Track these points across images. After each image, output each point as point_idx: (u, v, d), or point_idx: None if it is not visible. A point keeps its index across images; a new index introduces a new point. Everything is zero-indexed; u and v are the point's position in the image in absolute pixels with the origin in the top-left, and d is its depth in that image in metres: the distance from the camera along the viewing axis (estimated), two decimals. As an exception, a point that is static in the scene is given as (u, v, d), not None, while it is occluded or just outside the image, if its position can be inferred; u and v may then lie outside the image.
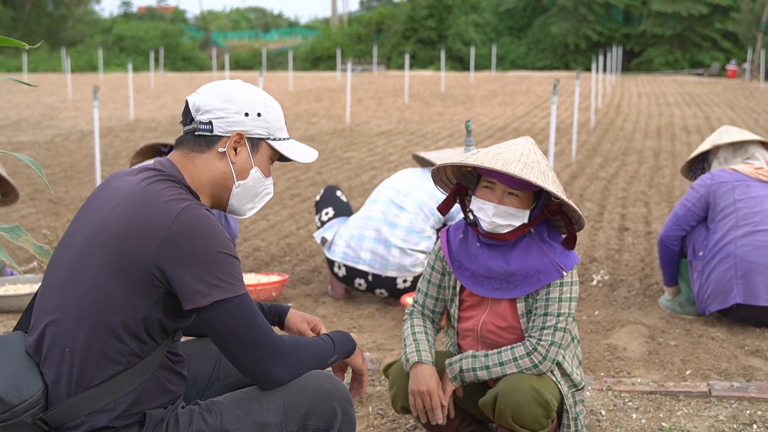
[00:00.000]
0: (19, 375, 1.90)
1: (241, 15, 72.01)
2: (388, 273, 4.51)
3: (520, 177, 2.43)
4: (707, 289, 4.24)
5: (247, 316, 1.94)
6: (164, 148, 5.09)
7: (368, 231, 4.53)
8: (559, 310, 2.54)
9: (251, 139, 2.09)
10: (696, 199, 4.33)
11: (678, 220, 4.39)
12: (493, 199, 2.53)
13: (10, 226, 1.75)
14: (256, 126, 2.08)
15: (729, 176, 4.29)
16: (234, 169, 2.08)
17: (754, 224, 4.18)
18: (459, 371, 2.57)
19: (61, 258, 2.00)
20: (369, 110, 18.02)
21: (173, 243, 1.89)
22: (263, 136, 2.10)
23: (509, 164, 2.45)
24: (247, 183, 2.10)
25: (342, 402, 2.09)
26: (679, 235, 4.40)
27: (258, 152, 2.11)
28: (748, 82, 29.63)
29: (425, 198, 4.51)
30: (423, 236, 4.50)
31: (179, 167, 2.06)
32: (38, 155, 11.37)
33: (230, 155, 2.07)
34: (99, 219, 1.98)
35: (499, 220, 2.53)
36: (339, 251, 4.59)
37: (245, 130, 2.07)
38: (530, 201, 2.56)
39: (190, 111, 2.08)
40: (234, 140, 2.06)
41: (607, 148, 11.66)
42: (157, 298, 1.92)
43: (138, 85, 26.18)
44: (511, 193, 2.52)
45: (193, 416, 2.00)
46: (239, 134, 2.06)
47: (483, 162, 2.48)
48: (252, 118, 2.07)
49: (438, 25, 44.37)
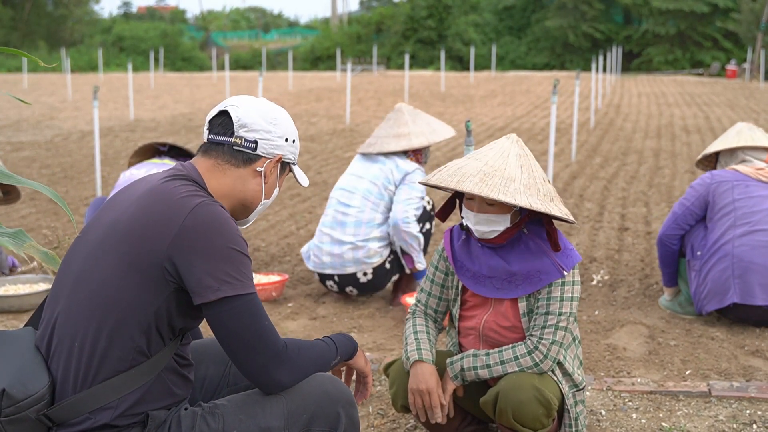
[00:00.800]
0: (25, 370, 1.91)
1: (241, 15, 72.02)
2: (347, 270, 4.61)
3: (471, 192, 2.44)
4: (704, 288, 4.24)
5: (254, 316, 1.95)
6: (162, 148, 5.09)
7: (324, 237, 4.66)
8: (561, 309, 2.55)
9: (282, 163, 2.19)
10: (695, 198, 4.34)
11: (677, 219, 4.39)
12: (473, 209, 2.56)
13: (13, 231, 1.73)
14: (290, 152, 2.19)
15: (729, 175, 4.30)
16: (265, 189, 2.16)
17: (752, 224, 4.18)
18: (460, 370, 2.57)
19: (76, 254, 2.03)
20: (369, 110, 18.02)
21: (186, 237, 1.91)
22: (291, 161, 2.21)
23: (465, 179, 2.47)
24: (268, 202, 2.20)
25: (346, 406, 2.08)
26: (677, 234, 4.41)
27: (282, 175, 2.21)
28: (748, 82, 29.63)
29: (369, 186, 4.58)
30: (374, 224, 4.56)
31: (203, 173, 2.09)
32: (38, 155, 11.37)
33: (267, 177, 2.15)
34: (114, 216, 2.01)
35: (482, 227, 2.56)
36: (310, 261, 4.76)
37: (284, 154, 2.17)
38: (510, 205, 2.56)
39: (233, 124, 2.10)
40: (274, 163, 2.15)
41: (607, 148, 11.66)
42: (168, 294, 1.93)
43: (138, 85, 26.18)
44: (487, 203, 2.54)
45: (196, 419, 1.99)
46: (280, 158, 2.16)
47: (441, 181, 2.52)
48: (289, 144, 2.18)
49: (438, 25, 44.37)
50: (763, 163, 4.34)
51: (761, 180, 4.27)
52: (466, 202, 2.59)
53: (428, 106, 18.85)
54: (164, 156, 5.07)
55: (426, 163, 4.68)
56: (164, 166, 4.93)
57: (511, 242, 2.60)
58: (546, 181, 2.57)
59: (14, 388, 1.87)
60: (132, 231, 1.95)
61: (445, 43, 42.86)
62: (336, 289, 4.71)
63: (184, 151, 5.05)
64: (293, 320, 4.44)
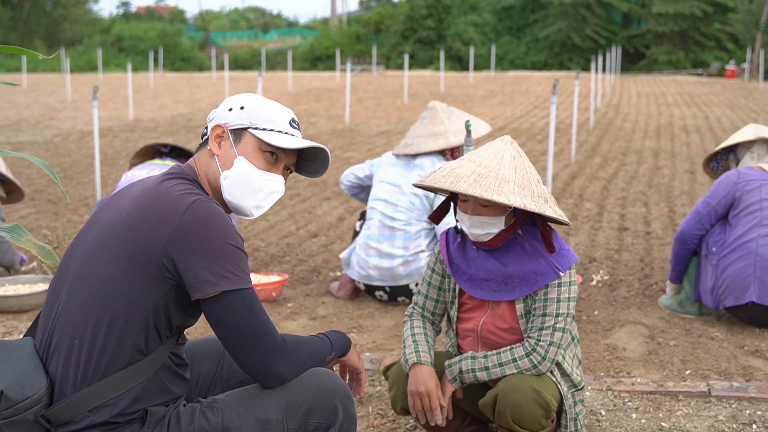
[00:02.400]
0: (23, 373, 1.92)
1: (240, 15, 72.03)
2: (400, 282, 4.61)
3: (465, 193, 2.44)
4: (723, 283, 4.18)
5: (252, 310, 1.96)
6: (164, 149, 5.09)
7: (370, 251, 4.63)
8: (558, 311, 2.54)
9: (234, 131, 2.13)
10: (721, 197, 4.26)
11: (701, 218, 4.31)
12: (467, 211, 2.56)
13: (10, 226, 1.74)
14: (238, 117, 2.13)
15: (756, 174, 4.24)
16: (219, 161, 2.12)
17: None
18: (458, 372, 2.57)
19: (74, 253, 2.05)
20: (368, 110, 18.02)
21: (184, 233, 1.93)
22: (244, 126, 2.13)
23: (459, 180, 2.47)
24: (233, 173, 2.10)
25: (343, 399, 2.10)
26: (699, 233, 4.33)
27: (241, 142, 2.12)
28: (748, 82, 29.64)
29: (411, 198, 4.56)
30: (421, 235, 4.55)
31: (195, 169, 2.15)
32: (37, 155, 11.36)
33: (213, 148, 2.12)
34: (113, 215, 2.03)
35: (477, 230, 2.55)
36: (354, 271, 4.73)
37: (226, 122, 2.13)
38: (504, 207, 2.55)
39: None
40: (215, 133, 2.13)
41: (607, 148, 11.67)
42: (166, 291, 1.94)
43: (137, 85, 26.18)
44: (482, 204, 2.54)
45: (195, 414, 2.01)
46: (219, 126, 2.13)
47: (435, 182, 2.51)
48: (235, 111, 2.14)
49: (437, 25, 44.37)
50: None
51: None
52: (461, 205, 2.59)
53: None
54: (166, 157, 5.07)
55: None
56: (166, 167, 4.93)
57: (506, 244, 2.60)
58: (540, 182, 2.57)
59: (12, 390, 1.88)
60: (130, 228, 1.96)
61: (445, 43, 42.87)
62: (386, 298, 4.71)
63: (185, 152, 5.05)
64: (293, 320, 4.45)
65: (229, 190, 2.11)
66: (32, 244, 1.71)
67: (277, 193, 2.16)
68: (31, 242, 1.71)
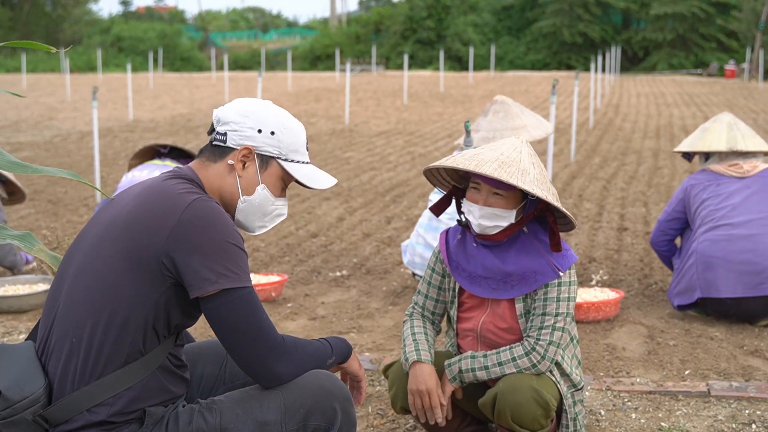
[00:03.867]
0: (22, 374, 1.93)
1: (240, 15, 72.03)
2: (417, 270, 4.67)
3: (491, 176, 2.43)
4: (676, 287, 4.39)
5: (251, 309, 1.96)
6: (163, 149, 5.09)
7: (419, 238, 4.70)
8: (558, 310, 2.55)
9: (261, 156, 2.12)
10: (675, 203, 4.49)
11: (660, 225, 4.55)
12: (479, 201, 2.54)
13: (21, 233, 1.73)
14: (268, 144, 2.12)
15: (702, 177, 4.42)
16: (240, 183, 2.11)
17: (715, 220, 4.27)
18: (458, 372, 2.57)
19: (75, 252, 2.05)
20: (368, 110, 18.03)
21: (183, 231, 1.93)
22: (274, 155, 2.13)
23: (484, 164, 2.46)
24: (253, 200, 2.13)
25: (342, 401, 2.09)
26: (664, 239, 4.55)
27: (267, 170, 2.13)
28: (747, 82, 29.65)
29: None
30: None
31: (197, 172, 2.12)
32: (37, 156, 11.37)
33: (237, 168, 2.11)
34: (113, 214, 2.04)
35: (486, 221, 2.54)
36: (407, 257, 4.82)
37: (255, 145, 2.11)
38: (517, 201, 2.55)
39: (213, 121, 2.16)
40: (242, 154, 2.10)
41: (606, 148, 11.67)
42: (165, 289, 1.94)
43: (137, 85, 26.18)
44: (496, 193, 2.53)
45: (193, 414, 2.00)
46: (248, 148, 2.10)
47: (458, 164, 2.49)
48: (265, 135, 2.11)
49: (437, 25, 44.36)
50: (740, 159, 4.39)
51: (732, 175, 4.35)
52: (471, 194, 2.57)
53: (427, 107, 18.86)
54: (165, 157, 5.07)
55: None
56: (166, 168, 4.93)
57: (508, 241, 2.59)
58: (551, 183, 2.59)
59: (10, 390, 1.89)
60: (129, 227, 1.96)
61: (444, 43, 42.85)
62: None
63: (185, 153, 5.05)
64: (292, 320, 4.45)
65: (244, 213, 2.15)
66: (45, 254, 1.70)
67: (282, 216, 2.22)
68: (43, 252, 1.70)
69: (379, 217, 7.19)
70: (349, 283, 5.20)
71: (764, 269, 4.10)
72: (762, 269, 4.10)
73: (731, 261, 4.14)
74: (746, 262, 4.12)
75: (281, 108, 2.20)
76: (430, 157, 11.05)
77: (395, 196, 8.18)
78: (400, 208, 7.57)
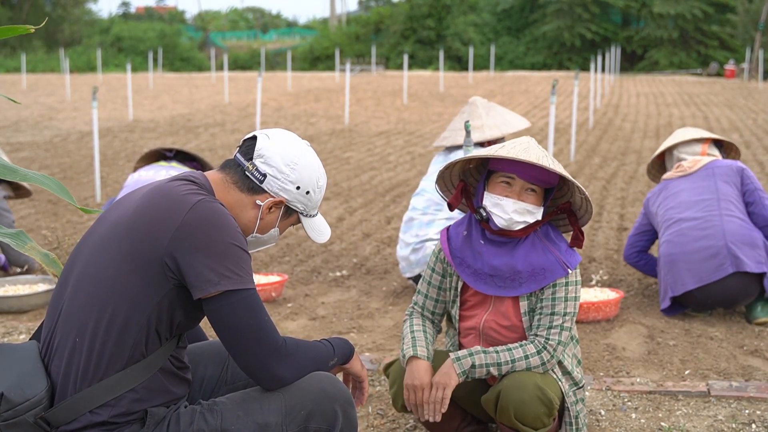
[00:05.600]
0: (24, 375, 1.93)
1: (240, 15, 71.97)
2: (416, 271, 4.68)
3: (559, 172, 2.46)
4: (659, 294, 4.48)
5: (254, 311, 1.96)
6: (169, 153, 5.09)
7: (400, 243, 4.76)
8: (566, 310, 2.56)
9: (287, 208, 2.17)
10: (640, 218, 4.70)
11: (629, 240, 4.77)
12: (512, 195, 2.54)
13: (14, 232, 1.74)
14: (299, 201, 2.17)
15: (657, 188, 4.59)
16: (259, 224, 2.15)
17: (669, 221, 4.38)
18: (470, 367, 2.51)
19: (80, 253, 2.06)
20: (368, 110, 18.02)
21: (187, 232, 1.93)
22: (299, 210, 2.19)
23: (541, 159, 2.48)
24: (262, 238, 2.18)
25: (343, 404, 2.09)
26: (633, 251, 4.72)
27: (287, 219, 2.20)
28: (747, 81, 29.65)
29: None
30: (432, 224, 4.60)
31: (213, 184, 2.12)
32: (37, 156, 11.37)
33: (263, 211, 2.13)
34: (118, 215, 2.04)
35: (517, 216, 2.54)
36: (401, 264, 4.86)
37: (289, 199, 2.15)
38: (543, 198, 2.57)
39: (254, 150, 2.12)
40: (274, 202, 2.14)
41: (606, 148, 11.67)
42: (167, 291, 1.95)
43: (137, 85, 26.17)
44: (529, 188, 2.53)
45: (195, 415, 2.01)
46: (282, 201, 2.14)
47: (519, 155, 2.47)
48: (301, 193, 2.15)
49: (437, 25, 44.35)
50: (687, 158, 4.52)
51: (679, 176, 4.47)
52: (501, 189, 2.55)
53: (427, 107, 18.86)
54: (171, 160, 5.08)
55: None
56: (172, 169, 4.94)
57: (517, 238, 2.60)
58: None
59: (12, 392, 1.89)
60: (133, 227, 1.97)
61: (444, 43, 42.85)
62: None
63: (190, 156, 5.06)
64: (293, 320, 4.45)
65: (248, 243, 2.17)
66: (36, 252, 1.70)
67: (271, 245, 2.35)
68: (35, 249, 1.71)
69: (378, 217, 7.19)
70: (349, 283, 5.20)
71: (719, 250, 4.16)
72: (717, 251, 4.17)
73: (688, 252, 4.23)
74: (701, 249, 4.20)
75: (318, 158, 2.22)
76: (429, 157, 11.04)
77: (395, 196, 8.19)
78: (400, 208, 7.57)
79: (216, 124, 15.37)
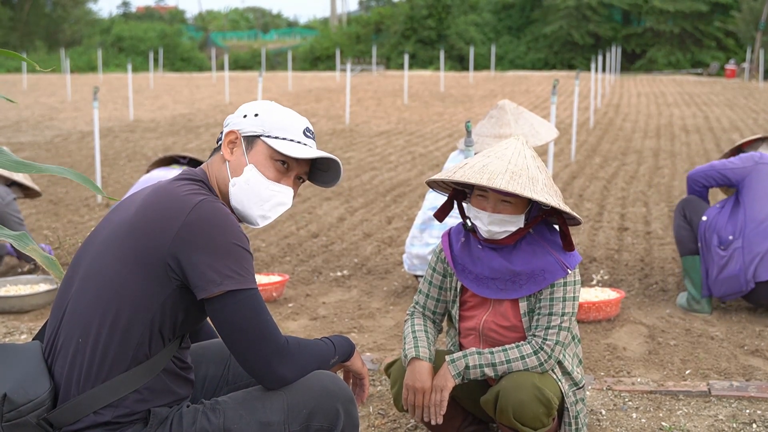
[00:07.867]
0: (27, 376, 1.93)
1: (240, 15, 72.03)
2: (417, 273, 4.70)
3: (506, 191, 2.43)
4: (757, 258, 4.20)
5: (256, 311, 1.96)
6: (182, 159, 5.11)
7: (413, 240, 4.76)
8: (564, 310, 2.56)
9: (247, 138, 2.14)
10: (738, 168, 4.36)
11: (710, 170, 4.41)
12: (487, 208, 2.54)
13: (17, 233, 1.74)
14: (251, 125, 2.14)
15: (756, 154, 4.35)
16: (229, 167, 2.13)
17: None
18: (464, 368, 2.53)
19: (84, 253, 2.07)
20: (368, 110, 18.03)
21: (189, 232, 1.94)
22: (257, 133, 2.14)
23: (495, 177, 2.46)
24: (241, 181, 2.11)
25: (345, 403, 2.10)
26: (702, 182, 4.44)
27: (253, 149, 2.13)
28: (747, 81, 29.64)
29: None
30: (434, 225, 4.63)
31: (206, 173, 2.16)
32: (38, 156, 11.37)
33: (226, 154, 2.14)
34: (122, 216, 2.05)
35: (495, 227, 2.55)
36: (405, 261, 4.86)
37: (239, 128, 2.15)
38: (525, 205, 2.57)
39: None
40: (229, 139, 2.14)
41: (607, 148, 11.67)
42: (170, 291, 1.95)
43: (137, 85, 26.18)
44: (504, 200, 2.53)
45: (197, 415, 2.01)
46: (233, 132, 2.14)
47: (470, 177, 2.48)
48: (249, 118, 2.15)
49: (437, 24, 44.34)
50: None
51: None
52: (477, 201, 2.57)
53: (428, 107, 18.86)
54: (184, 166, 5.09)
55: None
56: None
57: (514, 242, 2.61)
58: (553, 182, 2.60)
59: (15, 393, 1.89)
60: (136, 228, 1.97)
61: (445, 42, 42.84)
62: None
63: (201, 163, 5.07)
64: (293, 320, 4.45)
65: (237, 197, 2.12)
66: (37, 254, 1.71)
67: (283, 205, 2.16)
68: (36, 251, 1.71)
69: (379, 217, 7.19)
70: (350, 283, 5.21)
71: None
72: None
73: None
74: None
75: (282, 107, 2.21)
76: (430, 157, 11.05)
77: (396, 196, 8.19)
78: (400, 208, 7.58)
79: (217, 124, 15.38)
